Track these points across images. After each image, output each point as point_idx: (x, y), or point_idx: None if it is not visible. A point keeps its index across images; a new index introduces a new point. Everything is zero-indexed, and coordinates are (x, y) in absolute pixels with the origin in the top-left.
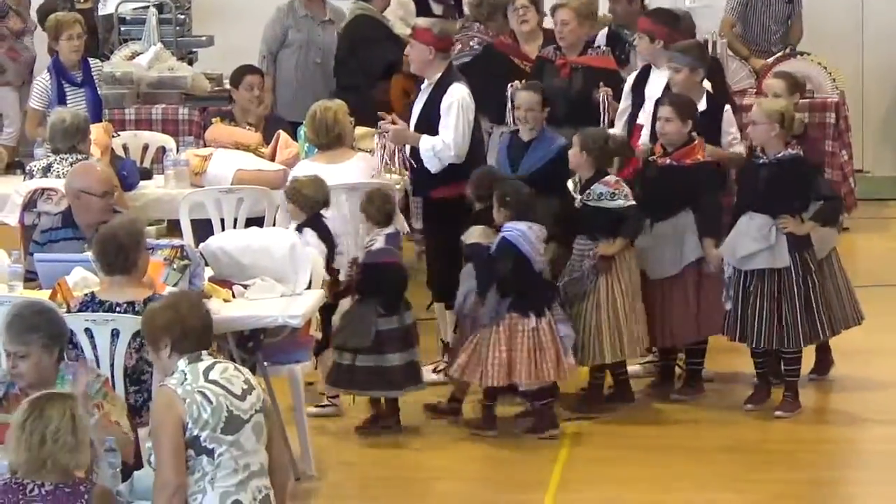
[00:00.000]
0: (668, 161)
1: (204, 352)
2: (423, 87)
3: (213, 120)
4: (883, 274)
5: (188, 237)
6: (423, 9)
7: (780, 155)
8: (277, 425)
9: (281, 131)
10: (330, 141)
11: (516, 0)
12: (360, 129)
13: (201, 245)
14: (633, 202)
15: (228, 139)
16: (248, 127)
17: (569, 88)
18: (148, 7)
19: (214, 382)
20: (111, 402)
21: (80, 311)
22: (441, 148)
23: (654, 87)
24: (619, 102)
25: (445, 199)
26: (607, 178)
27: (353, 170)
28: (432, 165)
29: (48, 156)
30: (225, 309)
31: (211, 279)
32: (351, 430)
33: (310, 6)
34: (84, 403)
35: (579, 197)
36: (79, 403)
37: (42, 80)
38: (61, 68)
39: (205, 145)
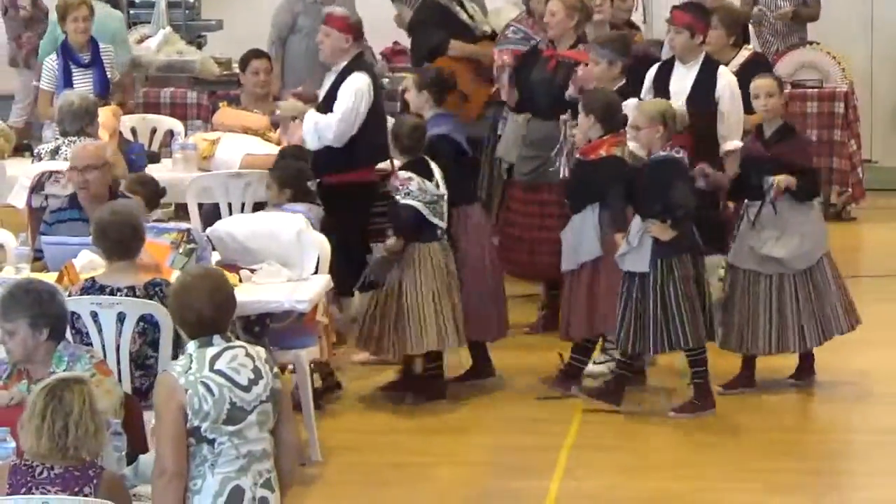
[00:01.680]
0: (577, 157)
1: (217, 336)
2: (328, 73)
3: (221, 104)
4: (890, 264)
5: (195, 221)
6: None
7: (654, 157)
8: (286, 408)
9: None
10: None
11: None
12: None
13: (208, 229)
14: (410, 201)
15: (236, 123)
16: (255, 112)
17: (552, 81)
18: None
19: (219, 373)
20: (98, 383)
21: (81, 295)
22: (323, 126)
23: (681, 82)
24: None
25: (339, 184)
26: (400, 173)
27: None
28: (311, 142)
29: (56, 138)
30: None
31: (218, 263)
32: (356, 414)
33: None
34: None
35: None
36: (92, 387)
37: (50, 61)
38: (69, 49)
39: (213, 129)
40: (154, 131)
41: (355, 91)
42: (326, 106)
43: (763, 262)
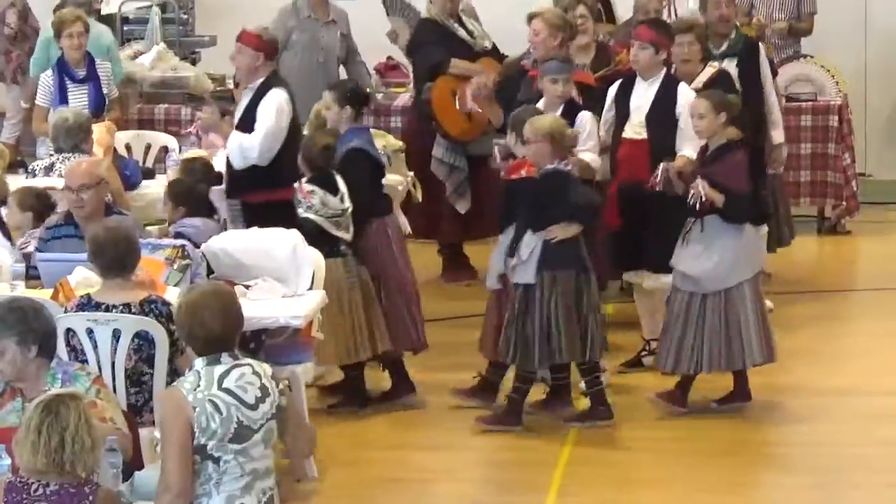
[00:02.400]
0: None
1: (224, 354)
2: (245, 91)
3: None
4: (885, 278)
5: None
6: None
7: (543, 170)
8: (294, 416)
9: None
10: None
11: (575, 9)
12: None
13: (203, 245)
14: (310, 215)
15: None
16: None
17: (536, 101)
18: (151, 6)
19: (227, 391)
20: (105, 398)
21: (76, 311)
22: (247, 147)
23: (642, 98)
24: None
25: (262, 203)
26: (304, 186)
27: None
28: (236, 162)
29: (51, 154)
30: None
31: (212, 279)
32: (351, 430)
33: (313, 7)
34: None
35: None
36: (86, 402)
37: (45, 78)
38: (64, 65)
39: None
40: (148, 147)
41: (276, 108)
42: (244, 125)
43: (680, 278)
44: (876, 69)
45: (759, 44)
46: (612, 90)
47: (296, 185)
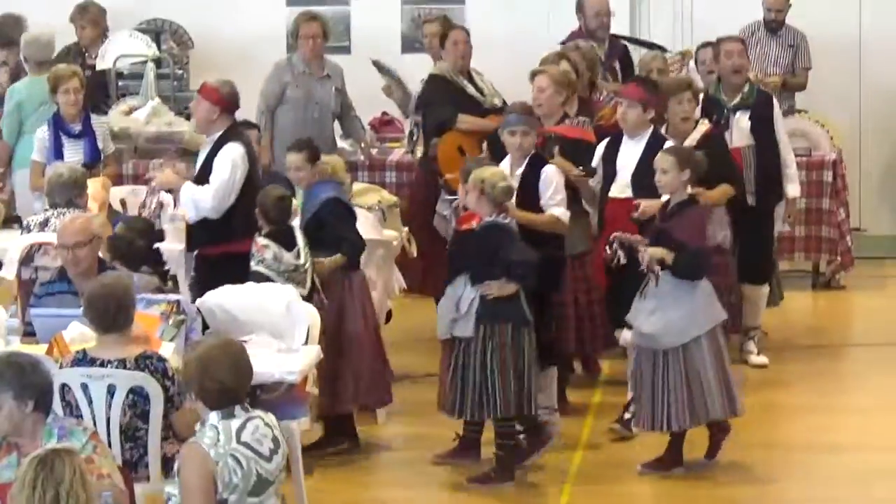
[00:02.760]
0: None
1: (237, 407)
2: (203, 144)
3: None
4: (880, 333)
5: (185, 292)
6: None
7: (483, 223)
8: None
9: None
10: None
11: (559, 65)
12: (358, 185)
13: (198, 300)
14: (260, 268)
15: None
16: None
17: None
18: (146, 62)
19: (246, 445)
20: (101, 453)
21: (72, 367)
22: (199, 199)
23: (628, 157)
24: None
25: (216, 256)
26: (258, 240)
27: None
28: (190, 213)
29: (46, 210)
30: None
31: (207, 335)
32: (345, 480)
33: (308, 62)
34: None
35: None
36: (81, 459)
37: (41, 133)
38: (60, 121)
39: None
40: (144, 203)
41: (230, 162)
42: (202, 177)
43: (638, 335)
44: (870, 124)
45: (774, 97)
46: (601, 148)
47: (259, 240)
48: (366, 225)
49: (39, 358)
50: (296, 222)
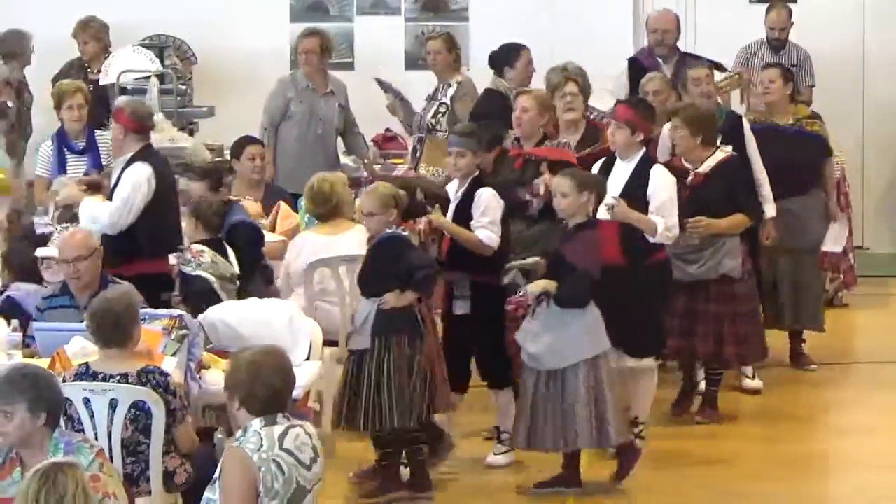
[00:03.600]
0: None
1: (279, 415)
2: (116, 164)
3: None
4: (883, 351)
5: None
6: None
7: (381, 236)
8: None
9: (281, 202)
10: (327, 211)
11: (565, 86)
12: (360, 202)
13: (200, 315)
14: (202, 272)
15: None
16: (247, 198)
17: (520, 179)
18: (149, 77)
19: (288, 451)
20: (107, 472)
21: (74, 381)
22: (97, 215)
23: (617, 179)
24: None
25: (123, 275)
26: (194, 247)
27: (352, 241)
28: (87, 226)
29: (48, 224)
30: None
31: (210, 350)
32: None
33: (312, 78)
34: None
35: None
36: (85, 474)
37: (45, 148)
38: (64, 136)
39: None
40: None
41: (132, 182)
42: (112, 196)
43: (526, 355)
44: (873, 142)
45: (744, 119)
46: (595, 168)
47: (194, 247)
48: (363, 241)
49: (53, 373)
50: None
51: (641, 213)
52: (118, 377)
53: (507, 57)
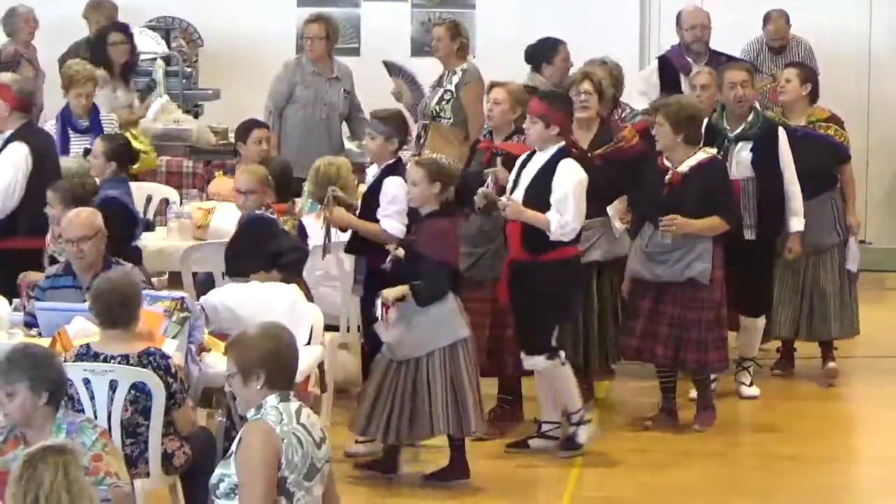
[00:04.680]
0: None
1: (290, 392)
2: None
3: (217, 174)
4: (884, 346)
5: (189, 289)
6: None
7: (248, 217)
8: (331, 473)
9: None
10: None
11: (580, 85)
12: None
13: (202, 298)
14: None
15: (232, 193)
16: None
17: (485, 171)
18: (155, 59)
19: (304, 427)
20: (110, 452)
21: (75, 361)
22: None
23: (529, 173)
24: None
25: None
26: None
27: None
28: None
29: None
30: (224, 362)
31: (211, 332)
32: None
33: (317, 63)
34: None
35: None
36: (76, 456)
37: (48, 126)
38: (68, 115)
39: (208, 198)
40: (149, 199)
41: (13, 164)
42: None
43: (384, 344)
44: (877, 137)
45: (780, 128)
46: (519, 160)
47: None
48: None
49: (54, 352)
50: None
51: (545, 206)
52: (119, 358)
53: (544, 52)
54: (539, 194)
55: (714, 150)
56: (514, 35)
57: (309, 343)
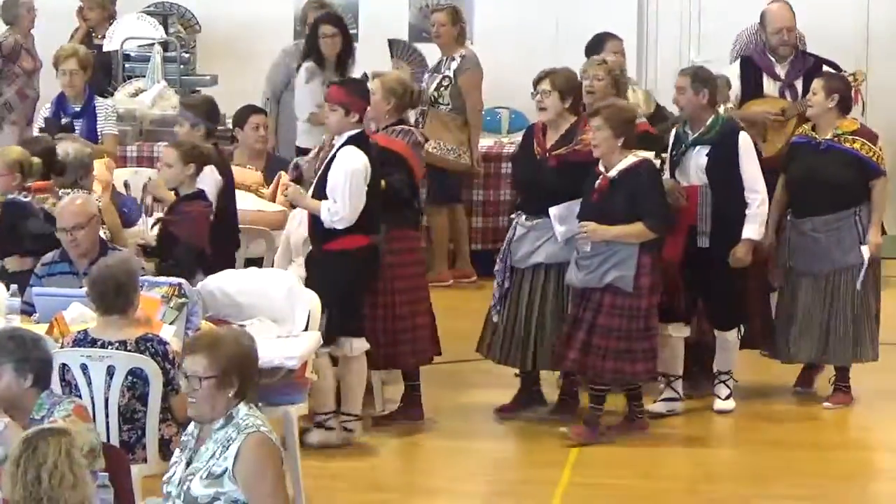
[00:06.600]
0: None
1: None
2: None
3: None
4: (883, 333)
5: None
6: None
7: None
8: None
9: (282, 172)
10: None
11: (538, 84)
12: None
13: (199, 284)
14: None
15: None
16: (249, 167)
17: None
18: (153, 44)
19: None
20: (72, 423)
21: (73, 347)
22: None
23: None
24: None
25: None
26: None
27: None
28: None
29: None
30: None
31: (208, 318)
32: (343, 472)
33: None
34: None
35: None
36: (75, 440)
37: (45, 110)
38: (62, 100)
39: None
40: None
41: None
42: None
43: None
44: (876, 125)
45: (741, 132)
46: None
47: None
48: None
49: (41, 335)
50: None
51: (323, 193)
52: (117, 344)
53: (592, 48)
54: (320, 186)
55: (651, 154)
56: (511, 21)
57: (307, 329)
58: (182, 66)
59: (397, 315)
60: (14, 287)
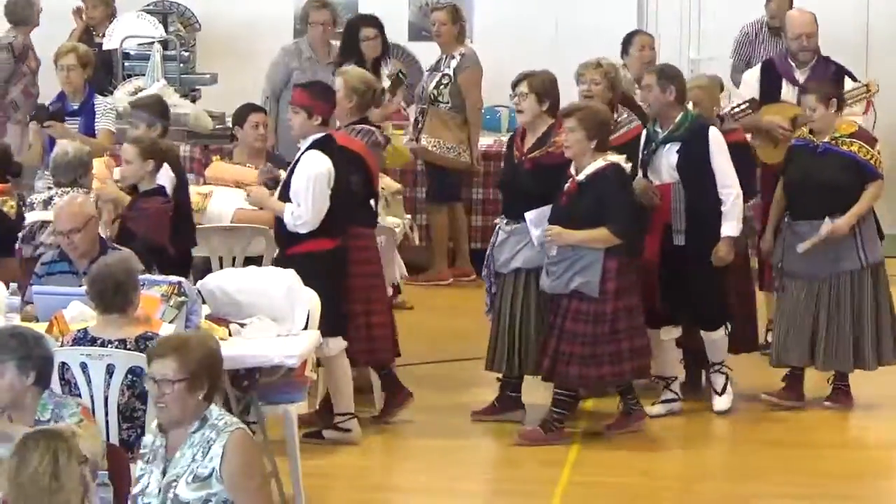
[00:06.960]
0: None
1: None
2: None
3: (214, 158)
4: None
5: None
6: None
7: None
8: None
9: (282, 171)
10: None
11: (516, 87)
12: None
13: (199, 282)
14: None
15: (229, 177)
16: (248, 166)
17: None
18: (153, 43)
19: None
20: (85, 430)
21: (72, 345)
22: None
23: None
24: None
25: None
26: None
27: None
28: None
29: (49, 188)
30: (221, 347)
31: (208, 317)
32: (344, 471)
33: (315, 48)
34: None
35: None
36: (71, 443)
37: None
38: (62, 95)
39: (205, 183)
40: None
41: None
42: None
43: None
44: (879, 124)
45: (711, 128)
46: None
47: None
48: None
49: (42, 333)
50: None
51: (287, 196)
52: (116, 343)
53: (624, 45)
54: (289, 185)
55: (622, 157)
56: (511, 19)
57: (306, 328)
58: (182, 65)
59: (350, 313)
60: (14, 286)
